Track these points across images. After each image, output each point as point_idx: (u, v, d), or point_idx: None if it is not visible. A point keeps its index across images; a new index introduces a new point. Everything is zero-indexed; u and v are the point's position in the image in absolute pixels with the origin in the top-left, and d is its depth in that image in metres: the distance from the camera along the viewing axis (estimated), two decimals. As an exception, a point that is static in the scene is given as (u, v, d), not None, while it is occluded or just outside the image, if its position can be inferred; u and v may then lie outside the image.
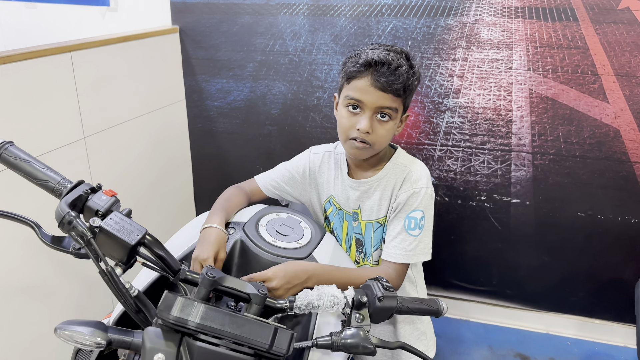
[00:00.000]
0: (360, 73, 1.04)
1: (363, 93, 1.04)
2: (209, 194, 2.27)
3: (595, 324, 2.03)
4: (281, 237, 0.98)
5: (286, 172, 1.24)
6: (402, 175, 1.12)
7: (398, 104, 1.05)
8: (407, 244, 1.08)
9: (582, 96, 1.75)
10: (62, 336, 0.65)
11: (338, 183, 1.19)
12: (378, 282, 0.86)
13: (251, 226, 1.00)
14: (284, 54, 1.96)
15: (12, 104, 1.35)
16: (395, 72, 1.01)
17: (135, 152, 1.88)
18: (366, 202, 1.15)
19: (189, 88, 2.10)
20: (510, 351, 1.98)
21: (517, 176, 1.89)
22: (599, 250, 1.91)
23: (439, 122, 1.89)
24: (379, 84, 1.02)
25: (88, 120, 1.62)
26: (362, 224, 1.16)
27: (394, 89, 1.02)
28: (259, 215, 1.04)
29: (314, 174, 1.22)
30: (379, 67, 1.02)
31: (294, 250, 0.96)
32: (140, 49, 1.84)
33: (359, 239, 1.17)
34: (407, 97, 1.07)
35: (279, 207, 1.14)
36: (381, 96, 1.03)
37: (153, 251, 0.73)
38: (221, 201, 1.13)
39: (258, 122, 2.08)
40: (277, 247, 0.95)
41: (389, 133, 1.07)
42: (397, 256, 1.08)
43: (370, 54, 1.03)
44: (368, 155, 1.12)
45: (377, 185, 1.14)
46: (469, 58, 1.80)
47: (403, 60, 1.04)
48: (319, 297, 0.81)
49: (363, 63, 1.03)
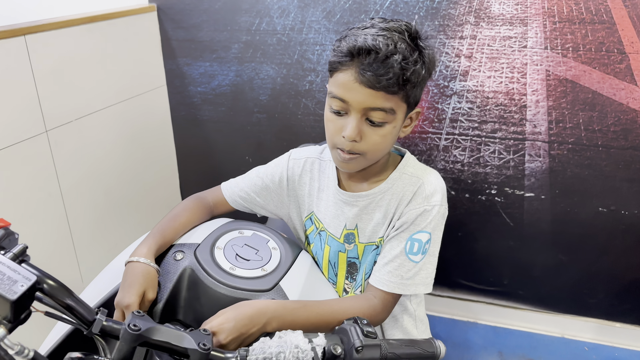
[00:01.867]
0: (343, 64, 0.81)
1: (347, 90, 0.81)
2: (197, 188, 2.10)
3: (615, 328, 1.86)
4: (242, 263, 0.81)
5: (258, 180, 1.02)
6: (412, 189, 0.90)
7: (395, 103, 0.82)
8: (404, 271, 0.88)
9: (606, 78, 1.54)
10: None
11: (323, 197, 0.97)
12: (357, 325, 0.69)
13: (205, 249, 0.82)
14: (271, 34, 1.76)
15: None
16: (384, 62, 0.78)
17: (110, 145, 1.71)
18: (365, 221, 0.93)
19: (169, 72, 1.92)
20: (522, 358, 1.82)
21: (532, 168, 1.69)
22: (622, 248, 1.72)
23: (444, 108, 1.70)
24: (364, 78, 0.79)
25: (50, 111, 1.45)
26: (359, 247, 0.94)
27: (383, 86, 0.79)
28: (217, 233, 0.86)
29: (293, 184, 1.00)
30: (365, 56, 0.79)
31: (256, 280, 0.79)
32: (111, 30, 1.66)
33: (353, 262, 0.95)
34: (409, 92, 0.82)
35: (244, 223, 0.94)
36: (369, 94, 0.80)
37: (56, 299, 0.57)
38: (165, 221, 0.92)
39: (246, 109, 1.90)
40: (235, 277, 0.78)
41: (386, 139, 0.85)
42: (390, 284, 0.87)
43: (355, 38, 0.80)
44: (360, 168, 0.90)
45: (381, 200, 0.92)
46: (478, 36, 1.59)
47: (402, 43, 0.79)
48: (279, 348, 0.64)
49: (347, 50, 0.80)
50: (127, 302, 0.74)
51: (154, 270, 0.80)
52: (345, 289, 0.97)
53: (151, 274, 0.79)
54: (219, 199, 1.03)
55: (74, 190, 1.56)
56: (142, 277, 0.77)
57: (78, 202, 1.58)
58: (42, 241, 1.47)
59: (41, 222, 1.46)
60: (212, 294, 0.76)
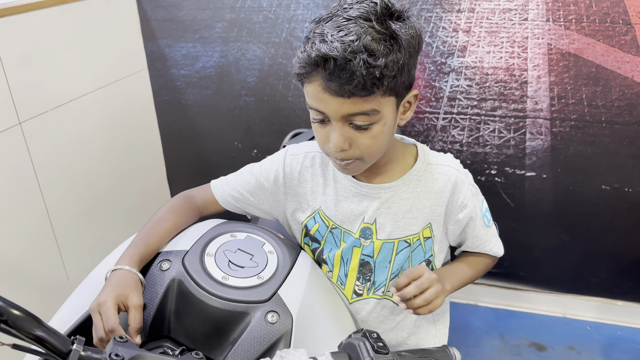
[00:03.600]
0: (307, 76, 0.73)
1: (320, 101, 0.74)
2: (185, 175, 2.03)
3: (617, 306, 1.83)
4: (235, 271, 0.73)
5: (252, 178, 0.93)
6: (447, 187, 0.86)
7: (375, 103, 0.73)
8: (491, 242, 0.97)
9: (611, 50, 1.47)
10: None
11: (330, 192, 0.89)
12: (366, 339, 0.62)
13: (194, 257, 0.74)
14: (257, 10, 1.66)
15: None
16: (345, 68, 0.68)
17: (90, 135, 1.61)
18: (386, 215, 0.86)
19: (150, 55, 1.81)
20: (524, 340, 1.79)
21: (533, 146, 1.63)
22: (626, 226, 1.68)
23: (441, 86, 1.62)
24: (330, 89, 0.71)
25: (22, 102, 1.35)
26: (376, 243, 0.87)
27: (352, 92, 0.70)
28: (207, 238, 0.78)
29: (292, 181, 0.91)
30: (324, 65, 0.69)
31: (252, 289, 0.71)
32: (85, 11, 1.55)
33: (366, 262, 0.88)
34: (390, 84, 0.72)
35: (236, 224, 0.85)
36: (342, 102, 0.72)
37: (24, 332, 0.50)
38: (148, 226, 0.83)
39: (232, 92, 1.80)
40: (228, 288, 0.70)
41: (379, 139, 0.77)
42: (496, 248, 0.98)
43: (312, 44, 0.71)
44: (363, 169, 0.83)
45: (405, 192, 0.85)
46: (477, 9, 1.51)
47: (368, 36, 0.69)
48: (281, 370, 0.57)
49: (305, 62, 0.72)
50: (102, 299, 0.67)
51: (138, 278, 0.73)
52: (356, 291, 0.90)
53: (134, 279, 0.72)
54: (209, 199, 0.93)
55: (53, 184, 1.47)
56: (124, 280, 0.70)
57: (58, 196, 1.50)
58: (22, 241, 1.39)
59: (20, 220, 1.38)
60: (203, 307, 0.69)
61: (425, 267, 0.81)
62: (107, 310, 0.67)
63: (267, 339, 0.66)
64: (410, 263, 0.88)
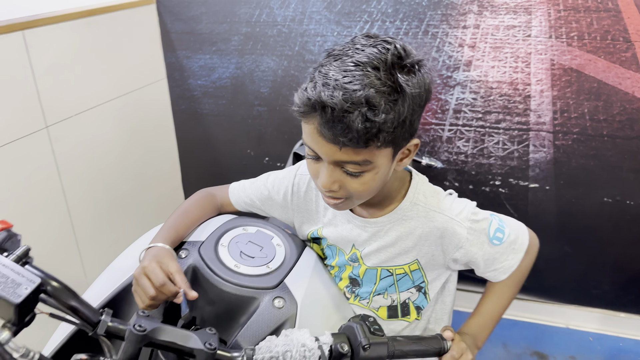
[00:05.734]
0: (305, 114, 0.71)
1: (313, 142, 0.73)
2: (199, 181, 2.10)
3: (620, 318, 1.85)
4: (246, 260, 0.80)
5: (265, 190, 0.98)
6: (434, 233, 0.84)
7: (369, 155, 0.71)
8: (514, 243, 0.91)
9: (612, 67, 1.52)
10: None
11: (329, 215, 0.92)
12: (363, 323, 0.68)
13: (209, 247, 0.81)
14: (271, 25, 1.74)
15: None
16: (343, 120, 0.66)
17: (110, 140, 1.70)
18: (373, 247, 0.88)
19: (169, 65, 1.90)
20: (526, 349, 1.82)
21: (536, 158, 1.68)
22: (628, 239, 1.71)
23: (447, 99, 1.68)
24: (324, 135, 0.69)
25: (50, 107, 1.44)
26: (362, 267, 0.91)
27: (346, 143, 0.68)
28: (221, 230, 0.85)
29: (298, 200, 0.95)
30: (322, 111, 0.68)
31: (261, 277, 0.78)
32: (110, 23, 1.64)
33: (355, 279, 0.93)
34: (387, 138, 0.69)
35: (248, 219, 0.93)
36: (335, 150, 0.70)
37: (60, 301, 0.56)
38: (176, 215, 0.91)
39: (246, 102, 1.88)
40: (240, 275, 0.77)
41: (369, 185, 0.75)
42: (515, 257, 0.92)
43: (314, 85, 0.69)
44: (352, 206, 0.84)
45: (390, 229, 0.86)
46: (482, 25, 1.57)
47: (371, 89, 0.66)
48: (285, 347, 0.63)
49: (304, 103, 0.70)
50: (146, 264, 0.74)
51: (172, 252, 0.81)
52: (346, 295, 0.95)
53: (170, 252, 0.79)
54: (226, 200, 1.01)
55: (75, 186, 1.55)
56: (161, 252, 0.78)
57: (80, 198, 1.58)
58: (45, 239, 1.47)
59: (43, 219, 1.45)
60: (217, 292, 0.75)
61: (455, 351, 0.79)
62: (153, 270, 0.74)
63: (274, 322, 0.72)
64: (397, 288, 0.92)
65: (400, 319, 0.95)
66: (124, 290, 0.78)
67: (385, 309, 0.93)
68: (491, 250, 0.88)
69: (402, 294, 0.92)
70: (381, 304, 0.93)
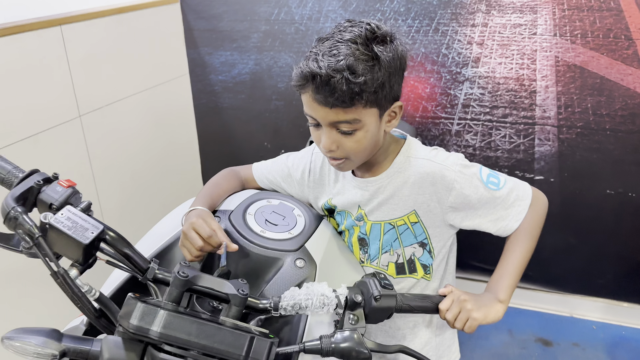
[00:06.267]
0: (301, 87, 0.86)
1: (311, 109, 0.87)
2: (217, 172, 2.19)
3: (623, 307, 1.91)
4: (271, 227, 0.89)
5: (285, 168, 1.10)
6: (426, 180, 0.95)
7: (357, 113, 0.85)
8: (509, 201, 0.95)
9: (614, 63, 1.59)
10: (11, 347, 0.58)
11: (338, 187, 1.05)
12: (375, 278, 0.76)
13: (238, 215, 0.91)
14: (289, 23, 1.84)
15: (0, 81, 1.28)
16: (328, 84, 0.81)
17: (136, 130, 1.80)
18: (374, 203, 0.99)
19: (192, 62, 2.00)
20: (531, 336, 1.89)
21: (541, 151, 1.75)
22: (630, 230, 1.78)
23: (456, 94, 1.76)
24: (317, 100, 0.84)
25: (83, 97, 1.54)
26: (367, 224, 1.01)
27: (334, 103, 0.82)
28: (247, 202, 0.95)
29: (314, 176, 1.07)
30: (312, 80, 0.83)
31: (284, 241, 0.87)
32: (138, 21, 1.74)
33: (362, 238, 1.03)
34: (369, 97, 0.84)
35: (271, 193, 1.04)
36: (327, 111, 0.84)
37: (116, 249, 0.65)
38: (209, 186, 1.03)
39: (264, 96, 1.98)
40: (265, 239, 0.86)
41: (362, 143, 0.89)
42: (515, 218, 0.96)
43: (305, 62, 0.85)
44: (353, 167, 0.97)
45: (388, 184, 0.97)
46: (489, 23, 1.65)
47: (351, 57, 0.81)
48: (307, 296, 0.72)
49: (298, 77, 0.86)
50: (193, 220, 0.85)
51: (211, 213, 0.92)
52: (360, 259, 1.04)
53: (210, 213, 0.91)
54: (250, 177, 1.13)
55: (104, 172, 1.66)
56: (203, 213, 0.89)
57: (107, 184, 1.68)
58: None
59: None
60: (245, 253, 0.84)
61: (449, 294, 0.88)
62: (201, 225, 0.84)
63: (296, 279, 0.81)
64: (401, 243, 1.01)
65: (408, 275, 1.03)
66: (166, 249, 0.88)
67: (393, 265, 1.02)
68: (489, 195, 0.94)
69: (407, 249, 1.01)
70: (389, 260, 1.01)
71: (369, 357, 0.70)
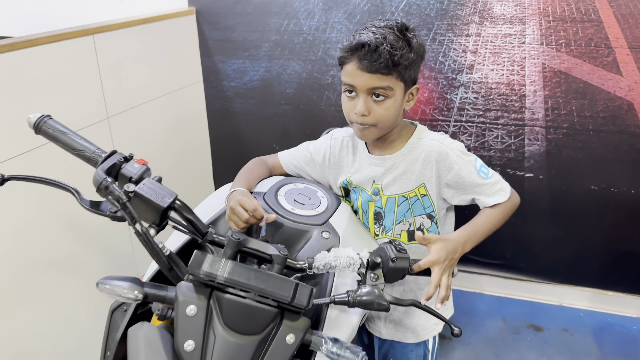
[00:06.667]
0: (347, 58, 1.05)
1: (353, 77, 1.05)
2: (227, 174, 2.33)
3: (608, 296, 2.06)
4: (299, 206, 1.03)
5: (307, 153, 1.27)
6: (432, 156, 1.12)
7: (391, 82, 1.04)
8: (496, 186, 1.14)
9: (595, 70, 1.76)
10: (103, 290, 0.71)
11: (356, 166, 1.21)
12: (391, 245, 0.90)
13: (271, 195, 1.05)
14: (298, 33, 1.99)
15: (39, 85, 1.41)
16: (375, 51, 1.00)
17: (155, 132, 1.93)
18: (389, 178, 1.15)
19: (206, 69, 2.14)
20: (523, 322, 2.02)
21: (531, 150, 1.91)
22: (613, 223, 1.93)
23: (452, 98, 1.92)
24: (363, 66, 1.02)
25: (111, 100, 1.68)
26: (383, 198, 1.16)
27: (377, 68, 1.01)
28: (277, 185, 1.10)
29: (334, 158, 1.23)
30: (361, 49, 1.02)
31: (311, 217, 1.01)
32: (158, 31, 1.88)
33: (378, 212, 1.18)
34: (402, 71, 1.03)
35: (297, 179, 1.19)
36: (369, 77, 1.03)
37: (182, 215, 0.79)
38: (244, 172, 1.19)
39: (273, 101, 2.12)
40: (295, 214, 1.00)
41: (390, 111, 1.06)
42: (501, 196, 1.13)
43: (354, 37, 1.04)
44: (375, 136, 1.12)
45: (402, 161, 1.14)
46: (482, 33, 1.81)
47: (392, 35, 1.01)
48: (335, 258, 0.85)
49: (348, 47, 1.04)
50: (238, 197, 0.99)
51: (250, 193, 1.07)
52: (375, 232, 1.19)
53: (249, 193, 1.05)
54: (277, 164, 1.28)
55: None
56: (244, 192, 1.04)
57: (131, 181, 1.80)
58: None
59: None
60: (279, 227, 0.98)
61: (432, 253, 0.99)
62: (247, 201, 0.98)
63: (322, 248, 0.95)
64: (412, 213, 1.17)
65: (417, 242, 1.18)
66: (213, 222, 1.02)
67: (405, 233, 1.17)
68: (479, 181, 1.12)
69: (417, 219, 1.17)
70: (402, 229, 1.17)
71: (387, 307, 0.84)
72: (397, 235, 1.18)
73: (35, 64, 1.39)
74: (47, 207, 1.47)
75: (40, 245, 1.47)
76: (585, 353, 1.88)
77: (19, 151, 1.37)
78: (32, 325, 1.47)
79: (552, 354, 1.87)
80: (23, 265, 1.43)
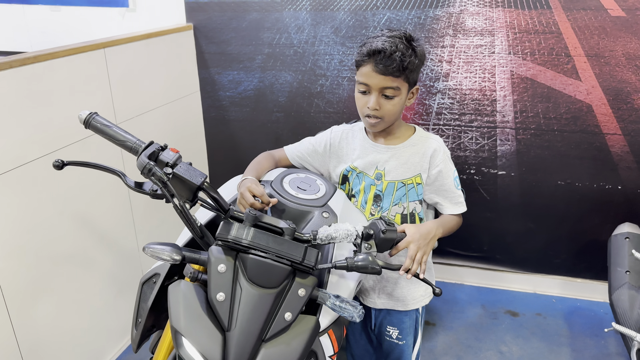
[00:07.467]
0: (364, 61, 1.24)
1: (368, 77, 1.23)
2: (223, 177, 2.47)
3: (577, 283, 2.25)
4: (301, 191, 1.20)
5: (310, 146, 1.45)
6: (432, 147, 1.33)
7: (399, 82, 1.23)
8: (460, 198, 1.39)
9: (557, 76, 1.96)
10: (149, 253, 0.86)
11: (357, 154, 1.39)
12: (382, 220, 1.07)
13: (277, 183, 1.22)
14: (289, 47, 2.16)
15: (56, 94, 1.56)
16: (390, 57, 1.19)
17: (156, 138, 2.03)
18: (391, 165, 1.34)
19: (203, 80, 2.30)
20: (501, 309, 2.20)
21: (503, 150, 2.10)
22: (578, 215, 2.12)
23: (430, 104, 2.10)
24: (378, 69, 1.21)
25: (120, 109, 1.82)
26: (384, 183, 1.35)
27: (390, 72, 1.20)
28: (282, 175, 1.26)
29: (335, 147, 1.41)
30: (378, 54, 1.20)
31: (312, 200, 1.18)
32: (160, 45, 2.04)
33: (378, 195, 1.36)
34: (408, 74, 1.23)
35: (299, 170, 1.37)
36: (382, 79, 1.22)
37: (209, 194, 0.94)
38: (254, 164, 1.36)
39: (266, 109, 2.29)
40: (299, 198, 1.17)
41: (396, 107, 1.26)
42: (460, 208, 1.38)
43: (371, 44, 1.23)
44: (382, 128, 1.31)
45: (405, 151, 1.34)
46: (456, 45, 2.01)
47: (402, 44, 1.21)
48: (335, 230, 1.02)
49: (366, 53, 1.23)
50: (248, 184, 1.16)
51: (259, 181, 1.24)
52: (371, 212, 1.36)
53: (257, 182, 1.23)
54: (283, 157, 1.47)
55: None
56: (253, 180, 1.21)
57: (137, 183, 1.94)
58: (110, 216, 1.83)
59: (110, 201, 1.82)
60: (284, 208, 1.14)
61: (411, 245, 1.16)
62: (255, 187, 1.15)
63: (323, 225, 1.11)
64: (408, 198, 1.35)
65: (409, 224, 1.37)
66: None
67: (399, 215, 1.34)
68: (451, 189, 1.36)
69: (410, 204, 1.35)
70: (397, 211, 1.34)
71: (379, 271, 1.01)
72: (392, 216, 1.36)
73: (55, 74, 1.54)
74: (61, 206, 1.61)
75: (56, 241, 1.60)
76: (558, 334, 2.05)
77: (43, 152, 1.51)
78: (50, 315, 1.60)
79: (528, 336, 2.05)
80: (40, 260, 1.56)
